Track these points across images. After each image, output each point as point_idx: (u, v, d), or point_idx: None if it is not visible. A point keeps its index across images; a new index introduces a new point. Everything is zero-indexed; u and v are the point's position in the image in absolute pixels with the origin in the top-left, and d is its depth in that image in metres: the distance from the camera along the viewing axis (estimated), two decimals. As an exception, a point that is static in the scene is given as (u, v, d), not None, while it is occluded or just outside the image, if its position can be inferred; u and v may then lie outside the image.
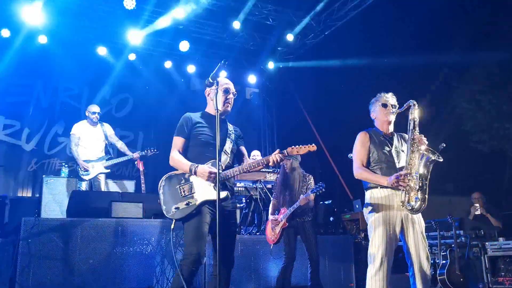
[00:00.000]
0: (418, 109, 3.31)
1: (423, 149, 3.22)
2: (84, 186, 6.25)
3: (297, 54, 9.66)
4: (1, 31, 7.77)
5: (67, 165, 6.72)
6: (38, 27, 7.72)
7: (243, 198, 6.76)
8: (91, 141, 6.41)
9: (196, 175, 3.03)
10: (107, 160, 6.41)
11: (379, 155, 3.40)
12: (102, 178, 6.40)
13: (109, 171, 6.47)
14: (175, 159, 3.14)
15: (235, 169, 3.11)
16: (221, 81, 3.18)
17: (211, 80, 3.04)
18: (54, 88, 8.77)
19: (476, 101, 7.69)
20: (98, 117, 6.50)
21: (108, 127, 6.63)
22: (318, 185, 4.65)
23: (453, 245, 5.53)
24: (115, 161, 6.46)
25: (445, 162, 3.21)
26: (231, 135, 3.27)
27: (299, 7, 8.40)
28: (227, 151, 3.20)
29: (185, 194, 3.05)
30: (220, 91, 3.13)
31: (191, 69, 9.48)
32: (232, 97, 3.24)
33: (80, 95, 8.96)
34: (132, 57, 8.85)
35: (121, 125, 8.88)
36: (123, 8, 7.53)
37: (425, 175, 3.19)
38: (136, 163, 6.56)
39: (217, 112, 2.90)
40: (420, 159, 3.20)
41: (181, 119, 3.25)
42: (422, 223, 3.33)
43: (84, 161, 6.24)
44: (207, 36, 8.97)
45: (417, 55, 7.44)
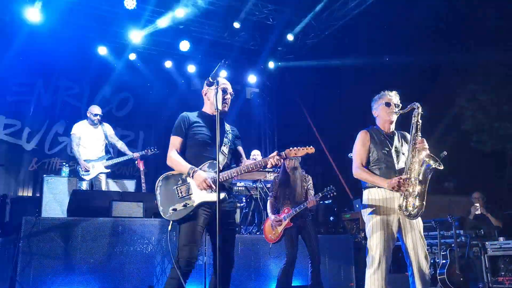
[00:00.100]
0: (421, 112, 3.27)
1: (424, 155, 3.19)
2: (84, 185, 6.25)
3: (297, 54, 9.66)
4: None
5: (67, 165, 6.73)
6: (39, 26, 7.72)
7: (243, 197, 6.77)
8: (91, 141, 6.41)
9: (193, 179, 3.02)
10: (107, 160, 6.41)
11: (378, 155, 3.39)
12: (102, 177, 6.40)
13: (109, 170, 6.47)
14: (173, 159, 3.12)
15: (232, 171, 3.09)
16: (218, 81, 3.15)
17: (211, 80, 3.05)
18: (54, 87, 8.78)
19: (476, 101, 7.69)
20: (100, 119, 6.49)
21: (108, 127, 6.63)
22: (329, 188, 4.68)
23: (453, 245, 5.54)
24: (115, 160, 6.46)
25: (446, 161, 3.20)
26: (228, 135, 3.26)
27: (299, 6, 8.39)
28: (224, 151, 3.18)
29: (182, 195, 3.02)
30: (213, 89, 3.12)
31: (191, 68, 9.49)
32: (229, 97, 3.23)
33: (81, 94, 8.97)
34: (132, 56, 8.86)
35: (121, 124, 8.90)
36: (123, 7, 7.55)
37: (424, 182, 3.17)
38: (137, 162, 6.56)
39: (217, 112, 2.91)
40: (421, 165, 3.18)
41: (178, 118, 3.23)
42: (420, 222, 3.32)
43: (84, 160, 6.24)
44: (207, 36, 8.98)
45: (417, 54, 7.45)
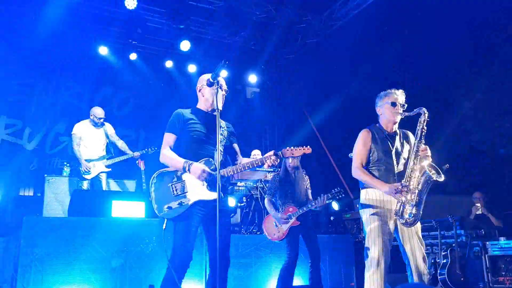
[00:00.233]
0: (428, 119, 3.24)
1: (426, 164, 3.16)
2: (85, 185, 6.26)
3: (298, 53, 9.65)
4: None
5: (68, 164, 6.74)
6: (39, 25, 7.72)
7: (244, 197, 6.77)
8: (92, 140, 6.42)
9: (189, 172, 2.98)
10: (108, 159, 6.42)
11: (379, 156, 3.38)
12: (103, 177, 6.41)
13: (110, 170, 6.48)
14: (167, 156, 3.09)
15: (229, 169, 3.07)
16: (219, 81, 3.13)
17: (211, 80, 3.05)
18: (55, 87, 8.78)
19: (477, 100, 7.68)
20: (102, 121, 6.51)
21: (109, 127, 6.64)
22: (338, 189, 4.67)
23: (453, 245, 5.54)
24: (116, 160, 6.47)
25: (446, 161, 3.20)
26: (224, 132, 3.23)
27: (300, 6, 8.39)
28: (220, 148, 3.13)
29: (177, 193, 3.01)
30: (213, 89, 3.11)
31: (192, 68, 9.48)
32: (224, 94, 3.18)
33: (82, 94, 8.97)
34: (133, 56, 8.87)
35: (122, 124, 8.89)
36: (124, 7, 7.56)
37: (423, 191, 3.16)
38: (137, 162, 6.58)
39: (218, 112, 2.90)
40: (421, 175, 3.16)
41: (172, 115, 3.20)
42: (418, 224, 3.30)
43: (85, 160, 6.25)
44: (208, 36, 8.98)
45: (418, 53, 7.44)
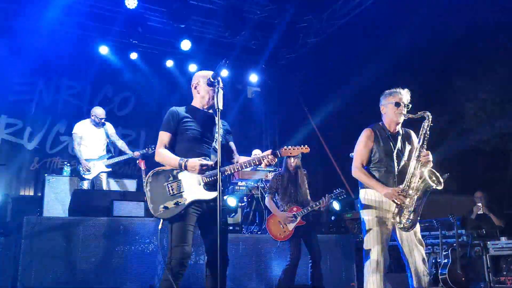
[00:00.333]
0: (431, 124, 3.22)
1: (426, 170, 3.14)
2: (86, 185, 6.26)
3: (299, 53, 9.64)
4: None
5: (69, 164, 6.73)
6: (40, 25, 7.71)
7: (245, 197, 6.77)
8: (93, 140, 6.42)
9: (186, 169, 2.93)
10: (108, 159, 6.42)
11: (380, 157, 3.37)
12: (103, 177, 6.41)
13: (110, 169, 6.48)
14: (162, 154, 3.03)
15: (226, 168, 3.04)
16: (209, 75, 3.11)
17: (212, 79, 3.04)
18: (56, 86, 8.78)
19: (478, 100, 7.66)
20: (104, 121, 6.51)
21: (109, 126, 6.63)
22: (340, 190, 4.71)
23: (454, 244, 5.53)
24: (116, 159, 6.47)
25: (447, 161, 3.20)
26: (219, 130, 3.14)
27: (300, 5, 8.37)
28: (216, 147, 3.11)
29: (173, 192, 2.94)
30: (205, 84, 3.09)
31: (192, 68, 9.47)
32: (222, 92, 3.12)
33: (82, 93, 8.97)
34: (133, 56, 8.87)
35: (123, 123, 8.90)
36: (125, 7, 7.55)
37: (421, 198, 3.15)
38: (138, 162, 6.58)
39: (218, 112, 2.89)
40: (421, 181, 3.15)
41: (167, 113, 3.15)
42: (417, 224, 3.29)
43: (85, 160, 6.25)
44: (208, 35, 8.97)
45: (419, 53, 7.42)
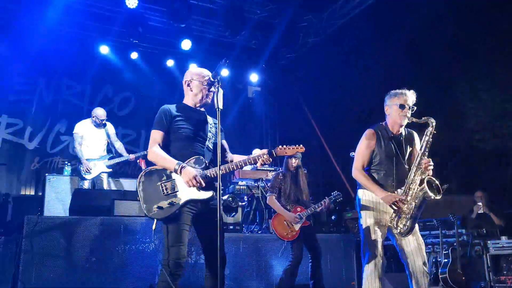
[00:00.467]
0: (434, 131, 3.20)
1: (426, 179, 3.12)
2: (86, 184, 6.26)
3: (299, 53, 9.64)
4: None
5: (69, 164, 6.73)
6: (40, 24, 7.72)
7: (245, 196, 6.77)
8: (93, 140, 6.42)
9: (180, 175, 2.87)
10: (109, 159, 6.42)
11: (381, 159, 3.37)
12: (104, 176, 6.41)
13: (111, 170, 6.48)
14: (157, 154, 2.96)
15: (222, 167, 2.94)
16: (202, 72, 3.08)
17: (212, 79, 3.04)
18: (56, 86, 8.78)
19: (478, 99, 7.66)
20: (104, 122, 6.51)
21: (110, 127, 6.63)
22: (337, 193, 4.79)
23: (455, 244, 5.54)
24: (117, 160, 6.47)
25: (448, 160, 3.20)
26: (212, 128, 3.15)
27: (301, 5, 8.38)
28: (209, 146, 3.08)
29: (167, 192, 2.87)
30: (199, 82, 3.06)
31: (193, 67, 9.48)
32: (214, 90, 3.08)
33: (83, 93, 8.97)
34: (134, 55, 8.87)
35: (123, 123, 8.91)
36: (125, 6, 7.56)
37: (420, 206, 3.15)
38: (139, 161, 6.58)
39: (218, 111, 2.87)
40: (420, 189, 3.13)
41: (159, 111, 3.11)
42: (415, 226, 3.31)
43: (86, 160, 6.25)
44: (208, 35, 8.97)
45: (419, 52, 7.42)
